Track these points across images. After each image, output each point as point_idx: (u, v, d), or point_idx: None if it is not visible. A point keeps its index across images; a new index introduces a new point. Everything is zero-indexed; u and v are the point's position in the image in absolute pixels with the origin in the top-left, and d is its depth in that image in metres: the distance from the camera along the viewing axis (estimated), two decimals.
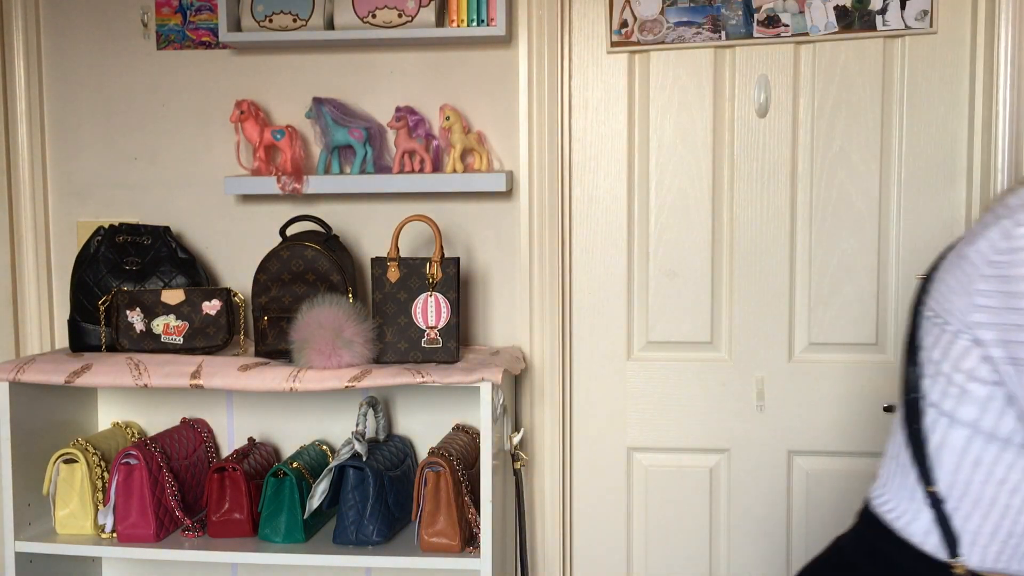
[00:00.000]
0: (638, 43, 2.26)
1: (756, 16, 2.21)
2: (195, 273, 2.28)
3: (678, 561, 2.37)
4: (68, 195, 2.44)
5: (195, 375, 2.02)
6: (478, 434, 2.20)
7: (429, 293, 2.09)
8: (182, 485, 2.17)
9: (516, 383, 2.32)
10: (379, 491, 2.05)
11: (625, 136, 2.31)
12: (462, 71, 2.30)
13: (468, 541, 2.04)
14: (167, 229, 2.30)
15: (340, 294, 2.10)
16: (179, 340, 2.17)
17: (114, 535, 2.11)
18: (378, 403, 2.19)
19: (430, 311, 2.09)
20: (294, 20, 2.21)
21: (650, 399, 2.35)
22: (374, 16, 2.18)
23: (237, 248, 2.38)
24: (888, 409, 2.26)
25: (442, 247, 2.11)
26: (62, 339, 2.44)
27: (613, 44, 2.27)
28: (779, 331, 2.30)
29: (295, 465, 2.10)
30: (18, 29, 2.38)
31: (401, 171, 2.23)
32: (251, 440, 2.29)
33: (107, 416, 2.39)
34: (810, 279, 2.28)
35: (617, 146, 2.31)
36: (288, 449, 2.35)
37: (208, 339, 2.18)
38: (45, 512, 2.15)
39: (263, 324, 2.13)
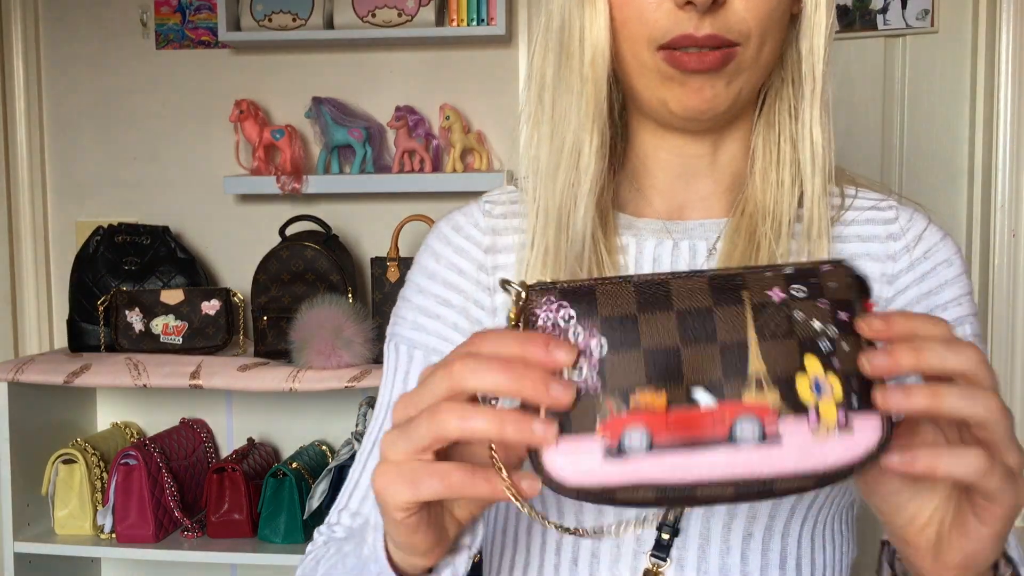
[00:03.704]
0: None
1: None
2: (194, 273, 2.28)
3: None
4: (67, 195, 2.43)
5: (194, 375, 2.01)
6: None
7: None
8: (181, 485, 2.16)
9: None
10: None
11: None
12: (462, 71, 2.29)
13: None
14: (166, 229, 2.29)
15: (340, 294, 2.09)
16: (178, 340, 2.17)
17: (113, 535, 2.10)
18: None
19: None
20: (294, 19, 2.20)
21: None
22: (374, 15, 2.18)
23: (237, 248, 2.38)
24: None
25: None
26: (61, 339, 2.43)
27: None
28: None
29: (295, 465, 2.10)
30: (17, 29, 2.38)
31: (401, 171, 2.23)
32: (250, 440, 2.29)
33: (106, 416, 2.39)
34: None
35: None
36: (288, 449, 2.35)
37: (207, 339, 2.18)
38: (44, 512, 2.15)
39: (263, 324, 2.12)
